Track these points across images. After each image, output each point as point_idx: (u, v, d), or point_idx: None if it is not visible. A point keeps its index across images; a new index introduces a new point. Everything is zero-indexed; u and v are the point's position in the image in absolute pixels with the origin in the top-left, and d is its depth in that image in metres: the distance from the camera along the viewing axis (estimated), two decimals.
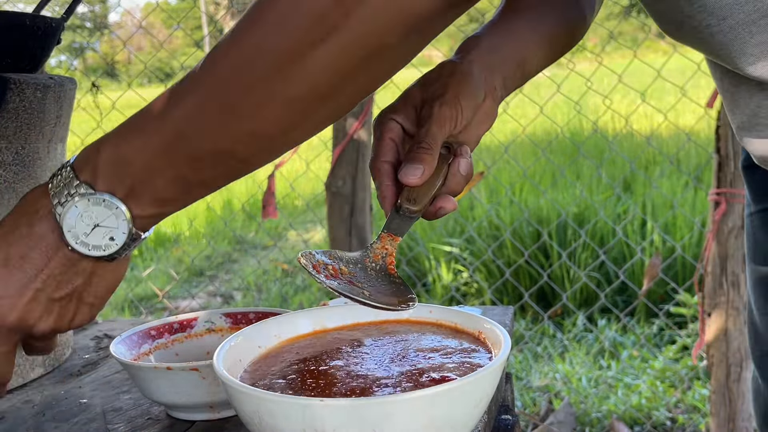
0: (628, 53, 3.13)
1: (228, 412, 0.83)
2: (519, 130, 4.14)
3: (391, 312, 0.71)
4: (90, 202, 0.64)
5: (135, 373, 0.82)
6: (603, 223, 3.53)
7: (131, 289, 4.14)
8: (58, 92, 1.02)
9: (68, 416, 0.88)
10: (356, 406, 0.58)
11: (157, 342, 0.92)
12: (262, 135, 0.62)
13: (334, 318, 0.81)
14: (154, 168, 0.63)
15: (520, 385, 2.86)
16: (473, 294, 3.67)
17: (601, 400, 2.69)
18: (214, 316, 0.96)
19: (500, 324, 0.74)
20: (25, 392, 0.97)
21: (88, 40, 8.62)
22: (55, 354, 1.05)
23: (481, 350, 0.72)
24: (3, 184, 0.96)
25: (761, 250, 1.07)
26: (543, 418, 2.63)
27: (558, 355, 3.10)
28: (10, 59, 1.00)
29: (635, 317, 3.36)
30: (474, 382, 0.62)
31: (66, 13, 1.14)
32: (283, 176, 5.05)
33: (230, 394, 0.63)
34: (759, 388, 1.09)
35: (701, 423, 2.52)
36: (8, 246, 0.65)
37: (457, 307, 0.79)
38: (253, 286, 4.37)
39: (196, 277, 4.60)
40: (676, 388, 2.75)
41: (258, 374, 0.70)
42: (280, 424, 0.60)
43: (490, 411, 0.85)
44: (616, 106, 5.48)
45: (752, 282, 1.10)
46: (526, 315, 3.52)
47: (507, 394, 1.01)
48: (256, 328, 0.76)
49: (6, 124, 0.95)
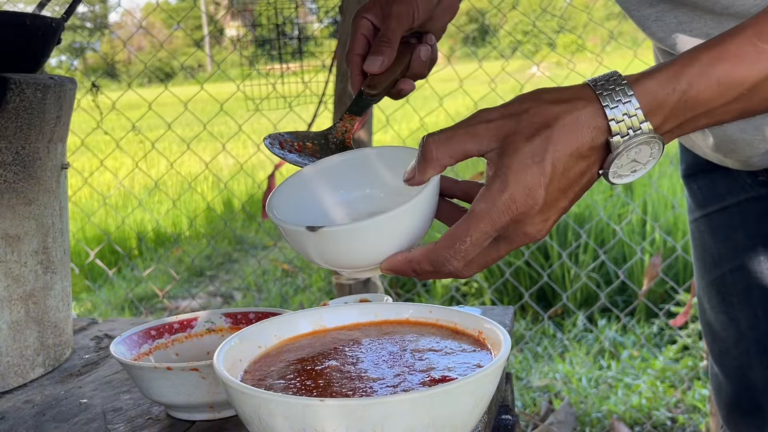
0: (628, 53, 3.13)
1: (228, 412, 0.83)
2: None
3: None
4: (648, 145, 0.63)
5: (135, 373, 0.82)
6: (603, 223, 3.53)
7: (131, 289, 4.14)
8: (58, 92, 1.02)
9: (68, 416, 0.88)
10: (356, 406, 0.58)
11: (157, 342, 0.92)
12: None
13: (334, 318, 0.81)
14: (716, 112, 0.64)
15: (520, 385, 2.86)
16: (473, 294, 3.67)
17: (601, 400, 2.69)
18: (214, 316, 0.96)
19: (500, 324, 0.74)
20: (25, 392, 0.97)
21: (88, 40, 8.62)
22: (55, 354, 1.05)
23: (481, 350, 0.72)
24: (3, 184, 0.96)
25: (710, 254, 1.09)
26: (543, 418, 2.63)
27: (558, 355, 3.10)
28: (10, 59, 1.00)
29: (635, 317, 3.36)
30: (474, 382, 0.62)
31: (66, 13, 1.14)
32: (283, 176, 5.04)
33: (230, 394, 0.63)
34: (720, 384, 1.11)
35: (701, 423, 2.52)
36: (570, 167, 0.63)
37: (457, 307, 0.79)
38: (253, 286, 4.37)
39: (196, 277, 4.60)
40: (676, 388, 2.74)
41: (258, 374, 0.70)
42: (280, 424, 0.59)
43: (490, 411, 0.85)
44: None
45: (702, 285, 1.13)
46: (526, 315, 3.52)
47: (507, 394, 1.01)
48: (256, 328, 0.76)
49: (6, 124, 0.95)
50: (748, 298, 1.05)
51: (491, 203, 0.63)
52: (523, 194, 0.62)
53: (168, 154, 5.41)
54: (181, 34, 9.32)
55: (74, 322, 1.22)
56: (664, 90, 0.63)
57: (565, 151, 0.62)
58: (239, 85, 3.08)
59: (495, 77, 2.92)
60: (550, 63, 6.90)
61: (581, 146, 0.63)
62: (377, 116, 4.13)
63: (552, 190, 0.63)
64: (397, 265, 0.69)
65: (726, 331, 1.08)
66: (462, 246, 0.65)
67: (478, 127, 0.64)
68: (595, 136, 0.63)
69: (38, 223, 1.02)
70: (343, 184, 0.82)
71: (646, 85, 0.63)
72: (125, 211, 5.51)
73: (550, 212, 0.64)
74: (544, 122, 0.62)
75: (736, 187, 1.04)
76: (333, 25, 3.68)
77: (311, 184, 0.82)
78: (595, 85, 0.64)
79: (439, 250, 0.66)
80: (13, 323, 0.99)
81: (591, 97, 0.63)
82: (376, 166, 0.82)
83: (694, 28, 0.87)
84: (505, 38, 5.56)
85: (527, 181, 0.62)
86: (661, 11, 0.89)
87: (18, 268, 0.99)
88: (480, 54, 3.66)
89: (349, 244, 0.69)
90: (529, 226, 0.64)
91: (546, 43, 6.38)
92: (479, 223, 0.64)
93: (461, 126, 0.66)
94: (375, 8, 0.89)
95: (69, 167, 1.09)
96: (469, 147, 0.65)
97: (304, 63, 3.24)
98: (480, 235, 0.64)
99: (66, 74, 1.12)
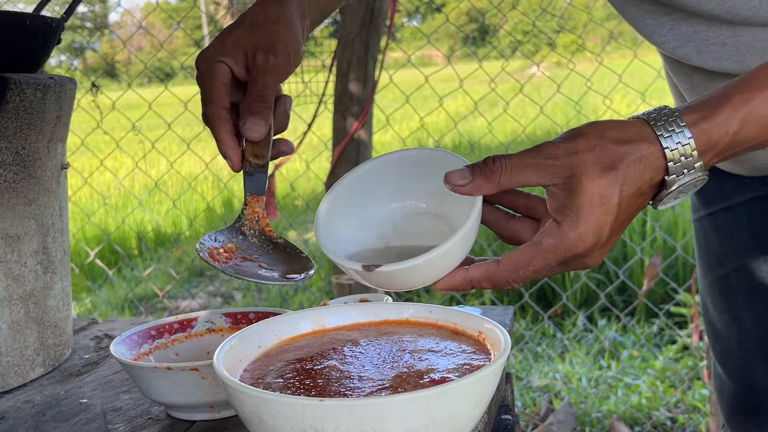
0: (628, 53, 3.13)
1: (228, 412, 0.83)
2: (519, 130, 4.15)
3: (296, 282, 0.73)
4: (695, 179, 0.67)
5: (135, 373, 0.82)
6: None
7: (131, 289, 4.14)
8: (58, 92, 1.02)
9: (68, 416, 0.88)
10: (356, 406, 0.58)
11: (157, 342, 0.92)
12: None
13: (334, 318, 0.81)
14: (756, 146, 0.68)
15: (520, 385, 2.86)
16: (473, 294, 3.67)
17: (601, 400, 2.69)
18: (214, 316, 0.96)
19: (500, 324, 0.74)
20: (25, 392, 0.97)
21: (88, 40, 8.63)
22: (55, 354, 1.05)
23: (481, 350, 0.72)
24: (3, 184, 0.96)
25: (714, 253, 1.09)
26: (543, 418, 2.63)
27: (558, 355, 3.10)
28: (10, 59, 1.00)
29: (635, 317, 3.36)
30: (474, 382, 0.62)
31: (66, 13, 1.14)
32: (283, 176, 5.05)
33: (230, 394, 0.63)
34: (723, 384, 1.11)
35: (701, 423, 2.52)
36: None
37: (457, 307, 0.79)
38: (253, 286, 4.36)
39: (196, 277, 4.60)
40: (676, 388, 2.75)
41: (258, 374, 0.70)
42: (280, 424, 0.60)
43: (490, 411, 0.85)
44: (616, 106, 5.48)
45: (705, 284, 1.12)
46: (526, 315, 3.52)
47: (507, 394, 1.01)
48: (256, 328, 0.76)
49: (6, 124, 0.95)
50: (753, 298, 1.04)
51: (560, 240, 0.66)
52: (591, 233, 0.65)
53: (168, 154, 5.41)
54: (181, 34, 9.32)
55: (74, 322, 1.22)
56: (719, 132, 0.66)
57: (630, 191, 0.66)
58: None
59: (495, 77, 2.92)
60: (550, 63, 6.91)
61: (642, 185, 0.66)
62: (377, 116, 4.12)
63: (615, 227, 0.66)
64: (456, 284, 0.71)
65: (729, 331, 1.08)
66: (525, 273, 0.68)
67: (545, 162, 0.66)
68: (655, 175, 0.66)
69: (38, 223, 1.02)
70: (380, 194, 0.78)
71: (702, 127, 0.66)
72: (125, 211, 5.51)
73: (609, 245, 0.68)
74: (610, 163, 0.65)
75: (742, 186, 1.04)
76: (333, 25, 3.68)
77: (350, 200, 0.78)
78: (655, 124, 0.66)
79: (502, 273, 0.68)
80: (13, 323, 0.99)
81: (652, 138, 0.66)
82: (406, 172, 0.78)
83: (710, 37, 0.87)
84: (505, 38, 5.56)
85: (596, 221, 0.65)
86: (677, 20, 0.88)
87: (18, 268, 0.99)
88: (480, 54, 3.66)
89: (405, 276, 0.70)
90: (589, 259, 0.67)
91: (546, 43, 6.39)
92: (546, 255, 0.67)
93: (527, 156, 0.67)
94: (235, 53, 0.78)
95: (69, 167, 1.09)
96: (533, 179, 0.66)
97: (303, 63, 3.24)
98: (544, 265, 0.67)
99: (66, 74, 1.12)
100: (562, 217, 0.66)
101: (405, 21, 6.59)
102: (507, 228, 0.73)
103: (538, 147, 0.67)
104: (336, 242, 0.75)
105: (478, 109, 3.16)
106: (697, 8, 0.83)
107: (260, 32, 0.78)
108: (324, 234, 0.75)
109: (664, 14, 0.89)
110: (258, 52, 0.77)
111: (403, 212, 0.78)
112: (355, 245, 0.77)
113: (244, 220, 0.76)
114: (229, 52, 0.77)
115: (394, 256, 0.75)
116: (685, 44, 0.89)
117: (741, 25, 0.84)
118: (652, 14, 0.90)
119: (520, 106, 6.44)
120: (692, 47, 0.89)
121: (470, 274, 0.70)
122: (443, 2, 5.43)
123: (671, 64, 0.99)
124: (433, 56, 10.77)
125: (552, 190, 0.66)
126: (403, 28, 7.63)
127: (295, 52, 0.79)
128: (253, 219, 0.76)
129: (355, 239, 0.77)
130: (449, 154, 0.75)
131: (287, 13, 0.81)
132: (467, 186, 0.68)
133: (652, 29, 0.91)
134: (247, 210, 0.76)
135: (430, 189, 0.77)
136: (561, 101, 5.98)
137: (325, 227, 0.75)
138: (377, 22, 2.67)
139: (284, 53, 0.78)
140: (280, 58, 0.77)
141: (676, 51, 0.91)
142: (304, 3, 0.85)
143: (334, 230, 0.76)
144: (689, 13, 0.87)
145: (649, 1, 0.89)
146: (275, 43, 0.78)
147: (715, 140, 0.66)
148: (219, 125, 0.75)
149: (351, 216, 0.77)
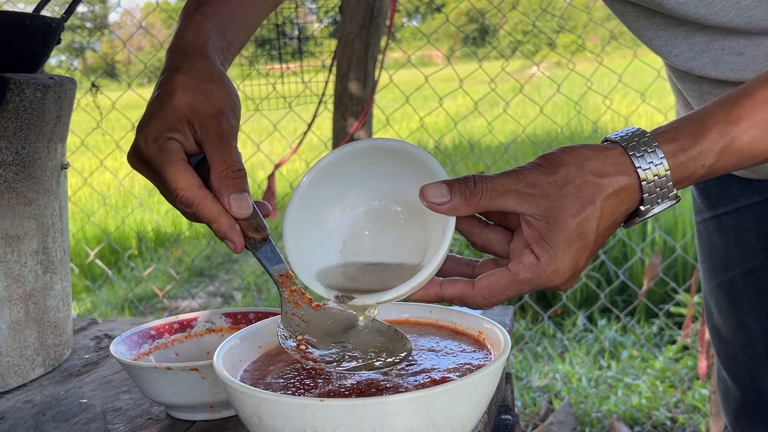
0: (628, 53, 3.14)
1: (228, 412, 0.83)
2: (519, 130, 4.15)
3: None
4: (665, 206, 0.68)
5: (135, 373, 0.82)
6: None
7: (131, 289, 4.14)
8: (58, 92, 1.02)
9: (68, 416, 0.88)
10: (356, 406, 0.58)
11: (157, 342, 0.92)
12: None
13: None
14: (730, 171, 0.69)
15: (520, 385, 2.86)
16: None
17: (601, 400, 2.69)
18: (214, 316, 0.96)
19: (500, 324, 0.74)
20: (25, 392, 0.97)
21: (88, 40, 8.62)
22: (55, 354, 1.05)
23: (481, 350, 0.72)
24: (3, 184, 0.96)
25: (719, 257, 1.08)
26: (543, 418, 2.63)
27: (558, 355, 3.10)
28: (10, 59, 1.00)
29: (635, 317, 3.36)
30: (474, 382, 0.62)
31: (66, 13, 1.14)
32: (283, 176, 5.04)
33: (230, 394, 0.63)
34: (728, 388, 1.10)
35: (701, 423, 2.52)
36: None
37: (456, 307, 0.79)
38: (253, 286, 4.36)
39: (196, 277, 4.59)
40: (676, 388, 2.74)
41: (258, 374, 0.70)
42: (280, 424, 0.59)
43: (490, 411, 0.85)
44: (616, 106, 5.48)
45: (710, 288, 1.11)
46: (526, 315, 3.52)
47: (507, 394, 1.01)
48: (256, 328, 0.76)
49: (6, 124, 0.95)
50: (759, 302, 1.03)
51: (536, 274, 0.66)
52: (568, 267, 0.66)
53: None
54: None
55: (74, 322, 1.22)
56: (695, 164, 0.67)
57: (606, 224, 0.67)
58: (239, 85, 3.09)
59: (495, 77, 2.93)
60: (550, 63, 6.91)
61: (618, 217, 0.67)
62: (377, 116, 4.13)
63: (589, 257, 0.67)
64: (429, 299, 0.71)
65: (734, 336, 1.07)
66: (497, 299, 0.68)
67: (525, 190, 0.66)
68: (631, 206, 0.67)
69: (38, 223, 1.02)
70: (346, 195, 0.75)
71: (680, 159, 0.67)
72: (125, 211, 5.51)
73: (582, 270, 0.69)
74: (589, 198, 0.65)
75: (750, 189, 1.02)
76: (333, 25, 3.68)
77: (315, 203, 0.74)
78: (634, 155, 0.66)
79: (476, 297, 0.68)
80: (13, 323, 0.99)
81: (630, 170, 0.66)
82: (372, 167, 0.74)
83: (726, 46, 0.86)
84: (505, 38, 5.56)
85: (573, 257, 0.66)
86: (690, 30, 0.87)
87: (18, 268, 0.99)
88: (480, 54, 3.66)
89: (379, 300, 0.69)
90: (563, 285, 0.68)
91: (546, 43, 6.39)
92: (520, 287, 0.67)
93: (508, 182, 0.66)
94: (181, 126, 0.71)
95: (69, 167, 1.09)
96: (512, 206, 0.66)
97: (304, 63, 3.25)
98: (517, 293, 0.68)
99: (66, 74, 1.12)
100: (540, 251, 0.66)
101: (405, 21, 6.59)
102: (480, 237, 0.72)
103: (519, 173, 0.67)
104: (308, 261, 0.72)
105: (478, 109, 3.16)
106: (714, 20, 0.82)
107: (198, 97, 0.72)
108: (294, 252, 0.71)
109: (677, 25, 0.88)
110: (205, 120, 0.71)
111: (371, 217, 0.75)
112: (322, 260, 0.74)
113: (290, 305, 0.72)
114: (174, 127, 0.71)
115: (366, 273, 0.73)
116: (699, 54, 0.88)
117: (760, 35, 0.84)
118: (663, 26, 0.89)
119: (520, 106, 6.44)
120: (707, 57, 0.88)
121: (444, 291, 0.69)
122: (443, 2, 5.43)
123: (678, 73, 0.97)
124: (433, 56, 10.77)
125: (529, 219, 0.66)
126: (403, 28, 7.63)
127: (237, 106, 0.74)
128: (295, 300, 0.72)
129: (322, 256, 0.74)
130: (416, 149, 0.71)
131: (216, 66, 0.75)
132: (445, 206, 0.67)
133: (664, 41, 0.90)
134: (285, 292, 0.72)
135: (399, 187, 0.74)
136: (561, 101, 5.98)
137: (293, 243, 0.72)
138: (377, 22, 2.67)
139: (232, 113, 0.73)
140: (231, 119, 0.72)
141: (690, 62, 0.90)
142: (220, 40, 0.79)
143: (303, 245, 0.73)
144: (703, 24, 0.86)
145: (660, 14, 0.88)
146: (220, 105, 0.72)
147: (691, 172, 0.67)
148: (207, 207, 0.70)
149: (317, 223, 0.74)
